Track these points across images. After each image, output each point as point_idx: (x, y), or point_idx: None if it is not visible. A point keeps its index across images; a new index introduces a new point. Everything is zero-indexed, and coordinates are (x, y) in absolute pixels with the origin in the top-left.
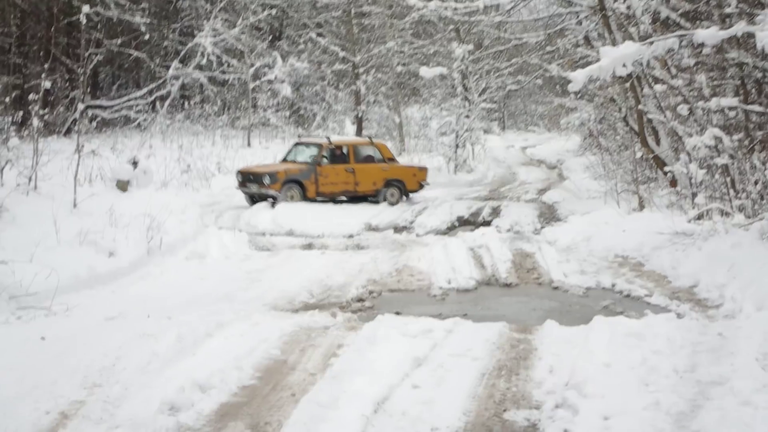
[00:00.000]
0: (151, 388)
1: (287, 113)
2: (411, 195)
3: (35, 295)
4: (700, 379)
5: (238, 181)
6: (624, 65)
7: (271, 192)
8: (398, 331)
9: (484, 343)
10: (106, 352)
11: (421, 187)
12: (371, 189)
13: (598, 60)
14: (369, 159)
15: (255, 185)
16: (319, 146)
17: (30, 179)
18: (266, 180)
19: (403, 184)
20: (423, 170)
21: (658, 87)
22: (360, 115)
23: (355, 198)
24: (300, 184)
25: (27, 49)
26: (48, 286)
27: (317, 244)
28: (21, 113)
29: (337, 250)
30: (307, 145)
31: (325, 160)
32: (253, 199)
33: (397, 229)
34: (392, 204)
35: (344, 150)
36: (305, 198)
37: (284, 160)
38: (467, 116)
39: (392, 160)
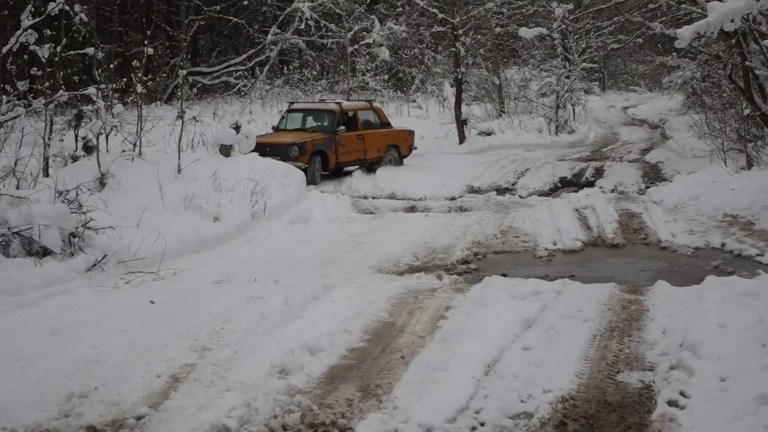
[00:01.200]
0: (261, 351)
1: (386, 77)
2: (404, 160)
3: (143, 260)
4: None
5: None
6: (732, 20)
7: (300, 165)
8: (506, 293)
9: (594, 304)
10: (215, 315)
11: (410, 151)
12: (376, 156)
13: (703, 16)
14: (370, 124)
15: (277, 158)
16: (333, 113)
17: (135, 145)
18: (294, 152)
19: (399, 149)
20: (412, 134)
21: (766, 42)
22: (459, 77)
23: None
24: (323, 155)
25: (128, 18)
26: (155, 250)
27: (420, 207)
28: (124, 81)
29: (440, 213)
30: (309, 111)
31: (341, 128)
32: None
33: (500, 191)
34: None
35: (352, 116)
36: (326, 169)
37: (277, 129)
38: (567, 77)
39: (389, 124)
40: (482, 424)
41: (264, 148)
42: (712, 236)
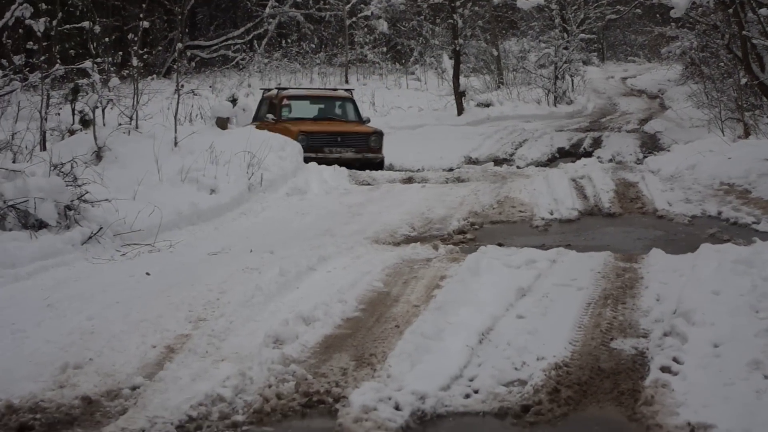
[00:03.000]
0: (256, 321)
1: (384, 49)
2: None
3: (139, 232)
4: None
5: (303, 145)
6: None
7: (378, 157)
8: (501, 262)
9: (588, 272)
10: (210, 286)
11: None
12: None
13: None
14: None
15: (350, 150)
16: (353, 101)
17: (131, 119)
18: (374, 142)
19: None
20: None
21: (763, 12)
22: (457, 49)
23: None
24: None
25: None
26: (151, 223)
27: (417, 178)
28: (121, 54)
29: (437, 183)
30: (323, 99)
31: (367, 118)
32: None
33: (497, 162)
34: None
35: None
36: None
37: (279, 119)
38: (566, 48)
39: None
40: (476, 392)
41: (330, 138)
42: (709, 205)
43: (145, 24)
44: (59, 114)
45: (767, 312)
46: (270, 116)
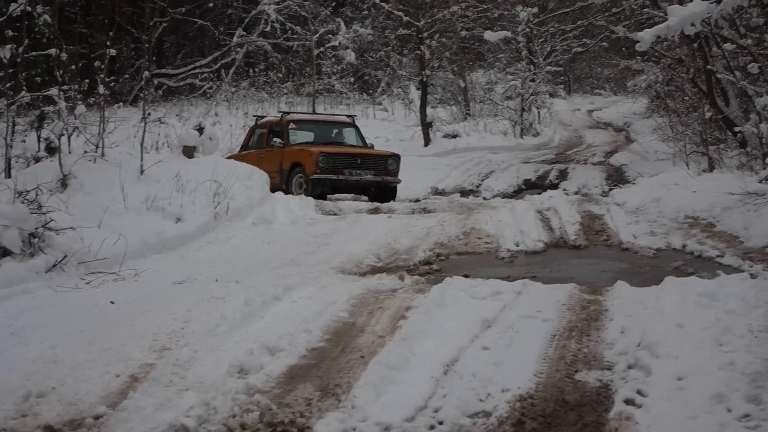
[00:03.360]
0: (220, 351)
1: (351, 79)
2: None
3: (104, 261)
4: None
5: (321, 167)
6: (692, 24)
7: (395, 181)
8: (467, 293)
9: (554, 304)
10: (175, 315)
11: None
12: None
13: (665, 20)
14: None
15: (370, 173)
16: (358, 128)
17: (97, 147)
18: (392, 165)
19: None
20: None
21: (727, 46)
22: (424, 80)
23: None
24: None
25: (92, 19)
26: (116, 251)
27: (384, 208)
28: (87, 82)
29: (403, 214)
30: (327, 124)
31: (371, 144)
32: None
33: (464, 193)
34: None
35: None
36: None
37: (288, 143)
38: (532, 80)
39: None
40: (440, 423)
41: (350, 160)
42: (674, 238)
43: (112, 52)
44: (24, 141)
45: (731, 345)
46: (277, 140)
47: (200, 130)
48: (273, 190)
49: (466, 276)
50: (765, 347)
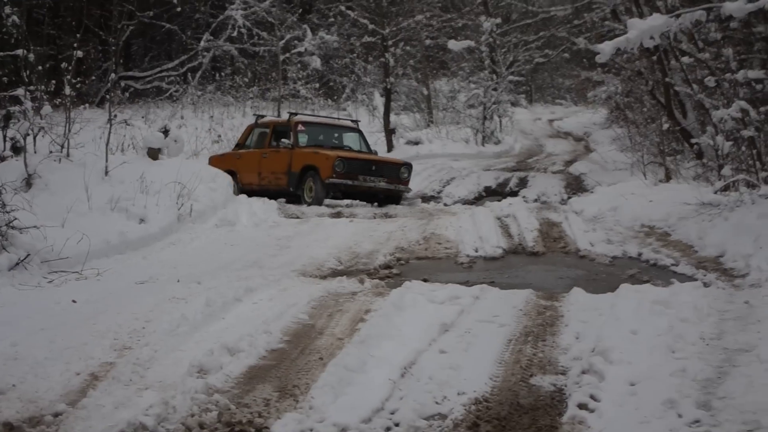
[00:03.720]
0: (181, 351)
1: (317, 85)
2: None
3: (67, 260)
4: (727, 347)
5: (337, 171)
6: (651, 37)
7: (407, 189)
8: (425, 298)
9: (510, 309)
10: (136, 315)
11: None
12: None
13: (625, 32)
14: None
15: (383, 180)
16: (361, 132)
17: (62, 147)
18: (404, 173)
19: None
20: None
21: (685, 60)
22: (389, 87)
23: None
24: None
25: (60, 21)
26: (79, 251)
27: (345, 213)
28: (54, 83)
29: (365, 219)
30: (334, 128)
31: (375, 150)
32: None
33: (425, 199)
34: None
35: None
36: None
37: (297, 145)
38: (495, 89)
39: None
40: (397, 425)
41: (366, 166)
42: (630, 246)
43: (80, 53)
44: None
45: (683, 352)
46: (285, 141)
47: (165, 132)
48: (277, 192)
49: (425, 280)
50: (716, 355)
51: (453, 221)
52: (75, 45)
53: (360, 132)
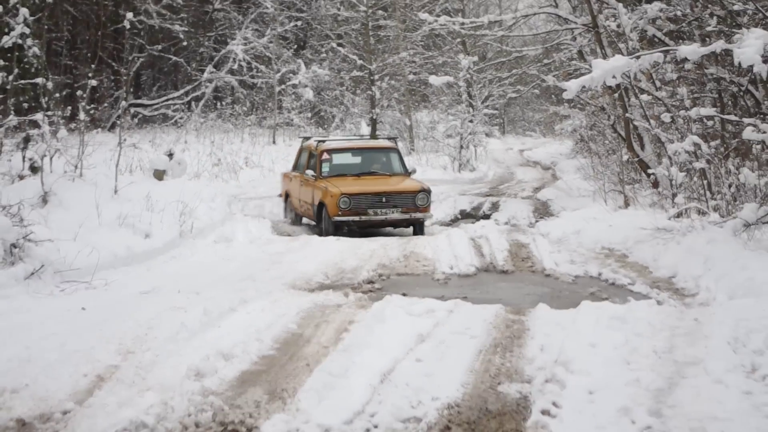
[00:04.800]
0: (180, 355)
1: (309, 115)
2: None
3: (77, 271)
4: (677, 360)
5: (342, 209)
6: (614, 76)
7: (425, 216)
8: (404, 311)
9: (481, 322)
10: (140, 322)
11: None
12: None
13: (590, 72)
14: None
15: (397, 210)
16: (399, 152)
17: (76, 167)
18: (422, 200)
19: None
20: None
21: (644, 97)
22: (374, 117)
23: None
24: None
25: (77, 53)
26: (89, 262)
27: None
28: (70, 109)
29: (350, 237)
30: (360, 150)
31: (414, 169)
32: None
33: None
34: None
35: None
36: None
37: (320, 176)
38: (471, 121)
39: None
40: (376, 427)
41: (374, 199)
42: (591, 266)
43: (93, 82)
44: (10, 160)
45: (637, 364)
46: (310, 173)
47: (170, 155)
48: (313, 228)
49: (404, 294)
50: (667, 367)
51: (430, 241)
52: (90, 75)
53: (397, 151)
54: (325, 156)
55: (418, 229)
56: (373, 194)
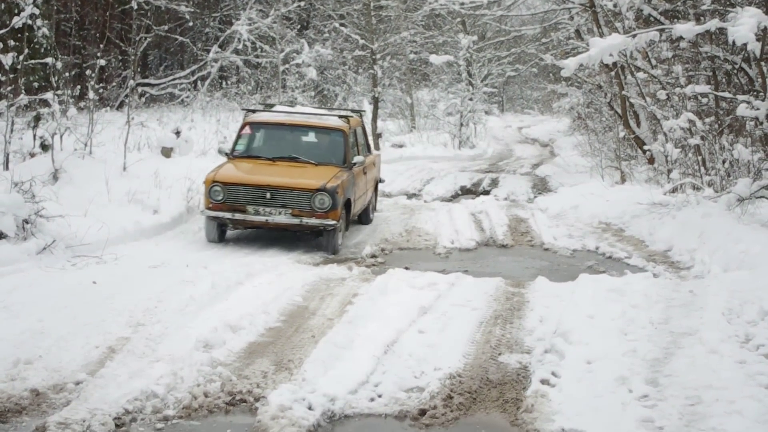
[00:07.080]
0: (188, 327)
1: (312, 93)
2: None
3: (88, 245)
4: (673, 330)
5: (214, 200)
6: (610, 54)
7: (328, 223)
8: (407, 284)
9: (482, 295)
10: (149, 295)
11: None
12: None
13: (587, 50)
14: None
15: (285, 211)
16: (344, 134)
17: (86, 145)
18: (321, 202)
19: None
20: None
21: (640, 75)
22: (376, 96)
23: None
24: (348, 206)
25: (86, 33)
26: (99, 237)
27: None
28: (79, 88)
29: None
30: (298, 128)
31: (359, 159)
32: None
33: (408, 196)
34: None
35: (353, 139)
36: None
37: (231, 154)
38: (470, 99)
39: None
40: (380, 396)
41: (258, 192)
42: (588, 240)
43: (102, 62)
44: (22, 138)
45: (634, 335)
46: (224, 150)
47: (177, 133)
48: None
49: (406, 268)
50: (663, 337)
51: (432, 216)
52: (98, 55)
53: (341, 133)
54: (247, 130)
55: (325, 240)
56: (254, 187)
